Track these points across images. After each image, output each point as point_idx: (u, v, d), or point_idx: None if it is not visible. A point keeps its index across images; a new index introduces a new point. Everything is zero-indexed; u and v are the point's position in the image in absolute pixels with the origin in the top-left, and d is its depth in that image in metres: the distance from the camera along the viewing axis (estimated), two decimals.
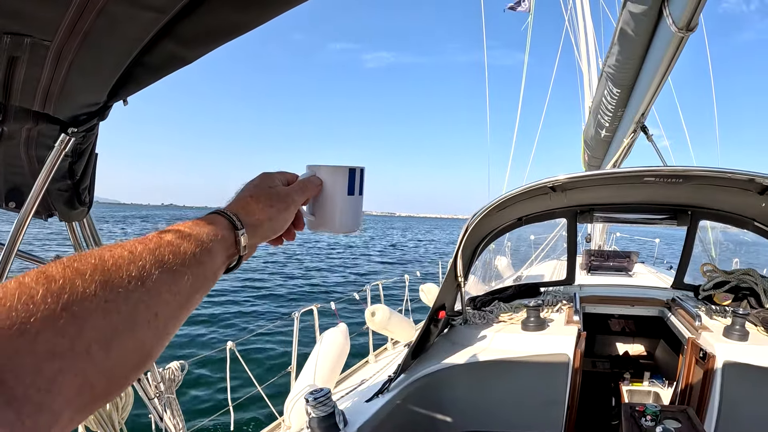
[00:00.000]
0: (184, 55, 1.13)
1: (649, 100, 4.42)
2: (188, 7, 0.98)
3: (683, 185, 3.50)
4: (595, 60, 8.99)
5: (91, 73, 1.16)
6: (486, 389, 3.26)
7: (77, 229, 2.00)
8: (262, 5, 0.99)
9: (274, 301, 15.76)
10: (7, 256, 1.51)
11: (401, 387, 3.08)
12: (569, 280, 4.99)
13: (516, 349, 3.35)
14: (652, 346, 5.40)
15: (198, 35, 1.07)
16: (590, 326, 5.22)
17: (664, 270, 7.63)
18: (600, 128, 5.91)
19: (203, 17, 1.01)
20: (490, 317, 3.94)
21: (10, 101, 1.22)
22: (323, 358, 3.78)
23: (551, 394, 3.13)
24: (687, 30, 3.23)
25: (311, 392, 2.48)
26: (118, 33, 1.01)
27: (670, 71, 3.82)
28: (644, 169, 3.24)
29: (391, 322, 4.84)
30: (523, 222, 4.46)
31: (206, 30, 1.05)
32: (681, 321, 3.88)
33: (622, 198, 4.26)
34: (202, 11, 0.99)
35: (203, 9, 0.99)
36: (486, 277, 6.89)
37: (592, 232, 9.89)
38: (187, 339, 10.46)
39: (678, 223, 4.35)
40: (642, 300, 4.53)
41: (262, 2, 0.98)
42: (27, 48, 1.01)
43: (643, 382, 4.37)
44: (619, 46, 4.16)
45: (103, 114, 1.41)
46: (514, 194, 3.48)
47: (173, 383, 2.50)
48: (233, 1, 0.98)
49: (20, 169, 1.61)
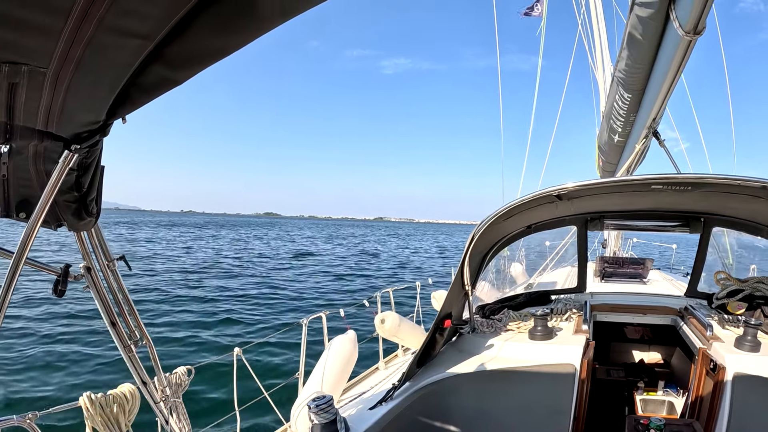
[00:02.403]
0: (174, 77, 1.22)
1: (660, 105, 4.37)
2: (173, 34, 1.07)
3: (693, 192, 3.45)
4: (608, 64, 8.92)
5: (88, 95, 1.25)
6: (491, 398, 3.25)
7: (85, 239, 2.06)
8: (238, 31, 1.08)
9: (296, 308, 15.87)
10: (16, 263, 1.57)
11: (405, 395, 3.08)
12: (580, 287, 4.94)
13: (522, 359, 3.33)
14: (668, 354, 5.31)
15: (184, 59, 1.16)
16: (606, 334, 5.15)
17: (680, 277, 7.50)
18: (613, 133, 5.87)
19: (187, 43, 1.10)
20: (498, 326, 3.93)
21: (14, 121, 1.30)
22: (331, 365, 3.80)
23: (557, 405, 3.10)
24: (694, 33, 3.20)
25: (313, 399, 2.50)
26: (108, 59, 1.10)
27: (679, 75, 3.79)
28: (651, 177, 3.20)
29: (401, 329, 4.84)
30: (532, 230, 4.43)
31: (191, 54, 1.14)
32: (693, 330, 3.82)
33: (631, 205, 4.21)
34: (186, 37, 1.09)
35: (187, 35, 1.08)
36: (498, 284, 6.84)
37: (608, 238, 9.77)
38: (194, 343, 10.57)
39: (690, 229, 4.28)
40: (654, 308, 4.46)
41: (238, 29, 1.07)
42: (25, 74, 1.10)
43: (657, 391, 4.30)
44: (628, 51, 4.14)
45: (104, 131, 1.49)
46: (520, 203, 3.46)
47: (180, 388, 2.55)
48: (213, 28, 1.07)
49: (29, 182, 1.69)
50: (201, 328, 11.91)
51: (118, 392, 2.17)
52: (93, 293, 2.09)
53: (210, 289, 18.21)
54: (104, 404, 2.07)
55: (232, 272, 23.60)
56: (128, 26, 0.99)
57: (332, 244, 53.16)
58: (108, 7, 0.92)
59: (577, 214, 4.39)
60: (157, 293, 16.50)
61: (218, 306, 14.76)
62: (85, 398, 2.05)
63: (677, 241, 11.54)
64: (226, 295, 16.74)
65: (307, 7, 1.06)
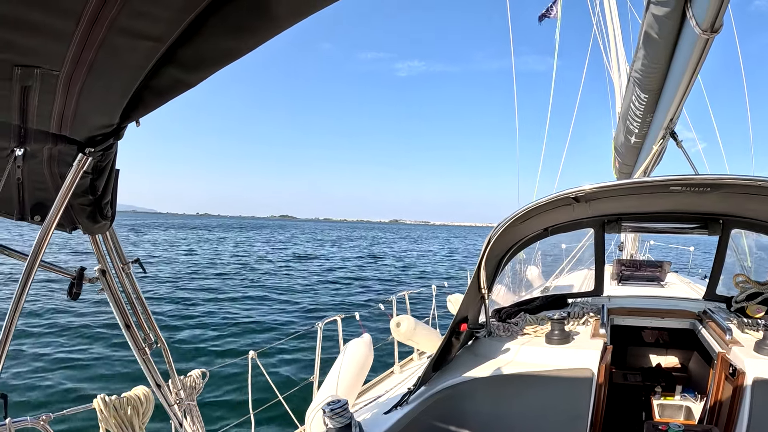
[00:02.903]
0: (187, 79, 1.22)
1: (677, 105, 4.31)
2: (185, 36, 1.06)
3: (712, 194, 3.39)
4: (624, 64, 8.82)
5: (101, 98, 1.25)
6: (507, 403, 3.22)
7: (100, 242, 2.07)
8: (251, 32, 1.06)
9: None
10: (30, 266, 1.58)
11: (421, 399, 3.06)
12: (597, 291, 4.88)
13: (539, 363, 3.29)
14: (685, 358, 5.23)
15: (197, 61, 1.15)
16: (622, 338, 5.08)
17: (697, 280, 7.39)
18: (629, 135, 5.79)
19: (200, 44, 1.09)
20: (514, 329, 3.89)
21: (28, 124, 1.31)
22: (346, 369, 3.78)
23: (574, 410, 3.06)
24: (711, 32, 3.15)
25: (328, 403, 2.49)
26: (121, 62, 1.10)
27: (696, 74, 3.73)
28: (670, 178, 3.15)
29: (417, 332, 4.81)
30: (549, 232, 4.39)
31: (204, 56, 1.14)
32: (712, 334, 3.75)
33: (649, 207, 4.15)
34: (198, 39, 1.08)
35: (199, 37, 1.07)
36: (514, 287, 6.79)
37: (624, 241, 9.66)
38: (209, 347, 10.63)
39: (709, 232, 4.21)
40: (673, 312, 4.39)
41: (251, 30, 1.05)
42: (38, 78, 1.10)
43: (674, 396, 4.23)
44: (644, 50, 4.08)
45: (118, 134, 1.49)
46: (537, 205, 3.43)
47: (194, 390, 2.56)
48: (226, 30, 1.06)
49: (44, 185, 1.70)
50: (175, 331, 11.89)
51: (132, 395, 2.17)
52: (108, 296, 2.10)
53: (191, 290, 18.27)
54: (118, 406, 2.08)
55: (223, 274, 23.48)
56: (140, 28, 0.98)
57: (337, 247, 52.89)
58: (120, 9, 0.92)
59: (594, 216, 4.35)
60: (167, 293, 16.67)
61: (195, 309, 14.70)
62: (99, 400, 2.06)
63: (694, 244, 11.39)
64: (203, 298, 16.72)
65: (320, 7, 1.05)
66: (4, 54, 1.01)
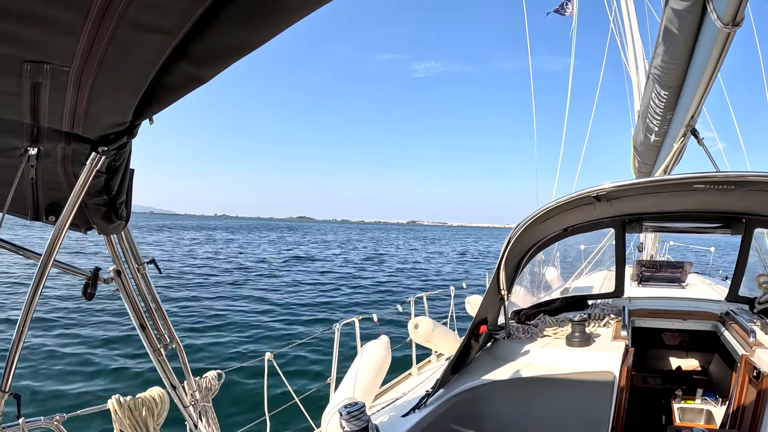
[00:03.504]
0: (200, 74, 1.19)
1: (698, 102, 4.23)
2: (197, 29, 1.03)
3: (736, 191, 3.32)
4: (642, 62, 8.69)
5: (113, 95, 1.23)
6: (527, 406, 3.17)
7: (115, 242, 2.07)
8: (265, 24, 1.04)
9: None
10: (43, 265, 1.58)
11: (439, 402, 3.03)
12: (618, 292, 4.81)
13: (560, 366, 3.24)
14: (706, 361, 5.12)
15: (210, 55, 1.12)
16: (642, 340, 5.00)
17: (718, 281, 7.26)
18: (649, 133, 5.70)
19: (212, 37, 1.07)
20: (534, 331, 3.85)
21: (40, 123, 1.30)
22: (363, 371, 3.76)
23: (595, 414, 3.00)
24: (733, 25, 3.08)
25: (345, 406, 2.46)
26: (131, 57, 1.07)
27: (718, 70, 3.65)
28: (694, 175, 3.09)
29: (435, 334, 4.78)
30: (569, 232, 4.34)
31: (217, 49, 1.11)
32: (735, 336, 3.66)
33: (671, 206, 4.08)
34: (210, 32, 1.05)
35: (211, 29, 1.05)
36: (533, 288, 6.73)
37: (644, 242, 9.51)
38: (226, 348, 10.67)
39: (732, 231, 4.13)
40: (695, 313, 4.30)
41: (264, 21, 1.03)
42: (48, 74, 1.09)
43: (695, 400, 4.14)
44: (663, 46, 4.01)
45: (132, 132, 1.47)
46: (558, 204, 3.39)
47: (210, 392, 2.55)
48: (238, 21, 1.03)
49: (58, 185, 1.70)
50: (232, 330, 11.98)
51: (147, 395, 2.17)
52: (123, 296, 2.10)
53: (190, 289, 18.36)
54: (133, 407, 2.07)
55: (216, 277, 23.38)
56: (151, 21, 0.96)
57: (342, 249, 52.36)
58: (129, 1, 0.90)
59: (615, 216, 4.29)
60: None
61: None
62: (113, 401, 2.06)
63: (715, 244, 11.18)
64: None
65: None
66: (13, 49, 0.99)
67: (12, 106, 1.20)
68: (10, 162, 1.48)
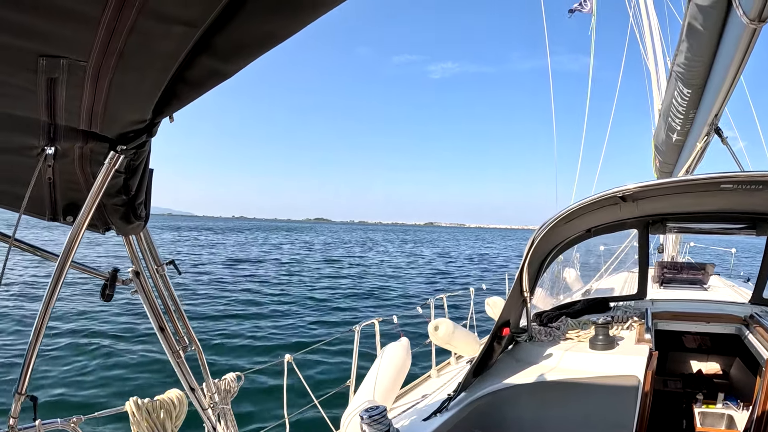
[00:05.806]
0: (223, 69, 1.15)
1: (722, 100, 4.12)
2: (220, 20, 0.99)
3: (762, 192, 3.23)
4: (663, 60, 8.56)
5: (132, 90, 1.19)
6: (550, 410, 3.13)
7: (134, 243, 2.06)
8: (291, 14, 0.99)
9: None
10: (61, 266, 1.57)
11: (461, 406, 2.99)
12: (641, 294, 4.73)
13: (583, 369, 3.19)
14: (727, 365, 5.01)
15: (233, 48, 1.08)
16: (662, 343, 4.91)
17: (740, 283, 7.11)
18: (671, 132, 5.59)
19: (236, 30, 1.02)
20: (556, 334, 3.80)
21: (56, 120, 1.27)
22: (383, 373, 3.72)
23: (618, 418, 2.94)
24: (759, 21, 2.99)
25: (366, 409, 2.43)
26: (152, 50, 1.03)
27: (743, 67, 3.55)
28: (721, 175, 3.02)
29: (455, 336, 4.75)
30: (592, 233, 4.28)
31: (241, 42, 1.07)
32: (759, 340, 3.57)
33: (696, 207, 4.00)
34: (234, 24, 1.01)
35: (235, 21, 1.00)
36: (554, 290, 6.65)
37: (664, 243, 9.36)
38: (245, 349, 10.70)
39: (757, 232, 4.03)
40: (718, 316, 4.21)
41: (290, 11, 0.98)
42: (64, 69, 1.05)
43: (716, 404, 4.04)
44: (687, 43, 3.92)
45: (151, 131, 1.44)
46: (583, 205, 3.34)
47: (228, 394, 2.53)
48: (263, 11, 0.98)
49: (76, 185, 1.67)
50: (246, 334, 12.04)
51: (165, 398, 2.15)
52: (141, 298, 2.09)
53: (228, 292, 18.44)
54: (151, 410, 2.06)
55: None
56: (172, 12, 0.92)
57: (342, 250, 52.09)
58: None
59: (639, 216, 4.22)
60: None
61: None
62: (131, 403, 2.04)
63: (736, 245, 10.97)
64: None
65: None
66: (28, 43, 0.96)
67: (27, 103, 1.17)
68: (26, 161, 1.45)
